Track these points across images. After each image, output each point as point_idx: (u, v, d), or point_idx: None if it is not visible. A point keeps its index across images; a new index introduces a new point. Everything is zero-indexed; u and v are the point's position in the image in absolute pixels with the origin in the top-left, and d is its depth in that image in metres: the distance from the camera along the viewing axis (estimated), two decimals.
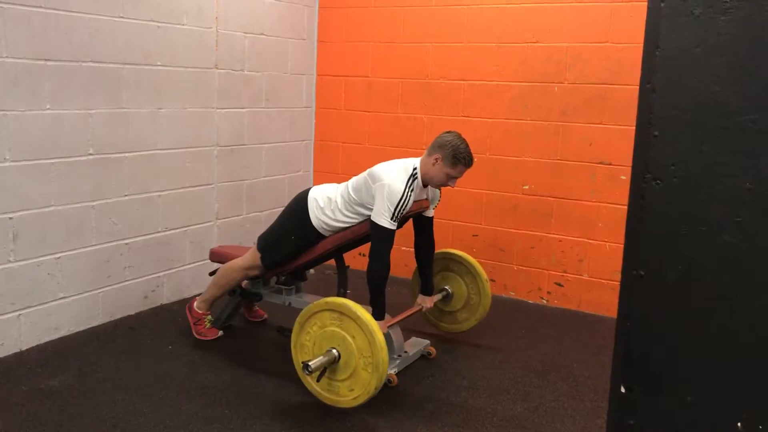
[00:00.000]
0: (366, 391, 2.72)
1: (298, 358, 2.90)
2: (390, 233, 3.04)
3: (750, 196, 1.01)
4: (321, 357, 2.75)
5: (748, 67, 1.00)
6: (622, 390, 1.15)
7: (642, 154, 1.09)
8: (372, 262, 3.07)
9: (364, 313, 2.74)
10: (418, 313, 3.53)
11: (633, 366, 1.13)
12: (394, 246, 3.09)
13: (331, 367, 2.78)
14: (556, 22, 4.14)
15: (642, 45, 1.10)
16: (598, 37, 4.03)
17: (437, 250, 3.58)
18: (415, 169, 3.10)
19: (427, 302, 3.48)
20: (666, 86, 1.06)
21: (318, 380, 2.81)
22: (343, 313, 2.76)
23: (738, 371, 1.05)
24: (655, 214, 1.09)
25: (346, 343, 2.75)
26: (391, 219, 3.00)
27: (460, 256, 3.65)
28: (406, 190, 3.02)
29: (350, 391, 2.77)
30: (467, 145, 3.11)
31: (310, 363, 2.71)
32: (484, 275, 3.61)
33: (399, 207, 3.00)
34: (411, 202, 3.06)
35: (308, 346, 2.86)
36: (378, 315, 3.03)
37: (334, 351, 2.77)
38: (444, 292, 3.67)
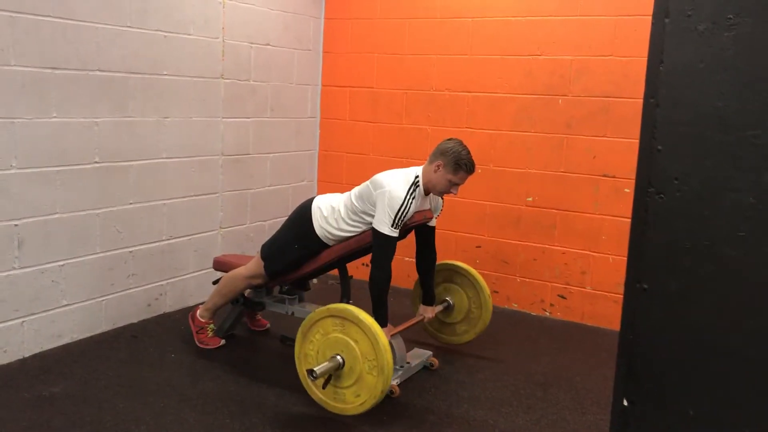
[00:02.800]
0: (372, 395, 2.70)
1: (302, 369, 2.89)
2: (391, 240, 3.04)
3: (752, 211, 1.01)
4: (326, 363, 2.75)
5: (751, 83, 1.00)
6: (625, 403, 1.15)
7: (645, 167, 1.10)
8: (373, 269, 3.08)
9: (366, 317, 2.74)
10: (419, 324, 3.54)
11: (635, 379, 1.13)
12: (396, 256, 3.10)
13: (336, 374, 2.77)
14: (561, 35, 4.16)
15: (646, 58, 1.11)
16: (602, 51, 4.05)
17: (441, 261, 3.58)
18: (417, 177, 3.12)
19: (428, 312, 3.49)
20: (669, 101, 1.07)
21: (324, 387, 2.79)
22: (345, 318, 2.76)
23: (741, 385, 1.05)
24: (658, 227, 1.09)
25: (349, 348, 2.74)
26: (392, 226, 3.02)
27: (464, 269, 3.64)
28: (407, 197, 3.04)
29: (356, 397, 2.76)
30: (469, 152, 3.13)
31: (315, 369, 2.70)
32: (487, 290, 3.61)
33: (400, 214, 3.01)
34: (412, 209, 3.07)
35: (312, 356, 2.85)
36: (381, 323, 3.03)
37: (339, 357, 2.76)
38: (445, 304, 3.66)
